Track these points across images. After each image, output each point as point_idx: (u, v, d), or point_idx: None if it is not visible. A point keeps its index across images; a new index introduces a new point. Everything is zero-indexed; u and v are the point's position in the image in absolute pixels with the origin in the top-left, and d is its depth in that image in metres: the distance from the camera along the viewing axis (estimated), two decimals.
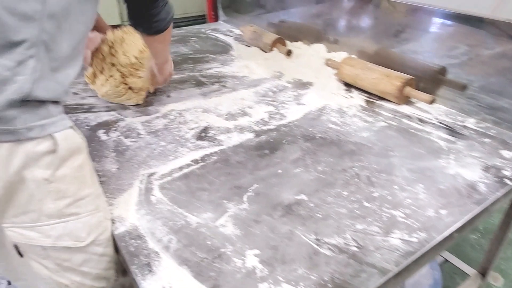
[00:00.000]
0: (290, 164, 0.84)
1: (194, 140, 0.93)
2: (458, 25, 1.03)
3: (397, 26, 1.19)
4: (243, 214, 0.70)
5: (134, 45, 1.09)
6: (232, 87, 1.24)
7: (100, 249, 0.65)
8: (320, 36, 1.50)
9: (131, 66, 1.07)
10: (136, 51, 1.08)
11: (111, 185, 0.77)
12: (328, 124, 1.01)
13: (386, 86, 1.10)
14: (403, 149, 0.90)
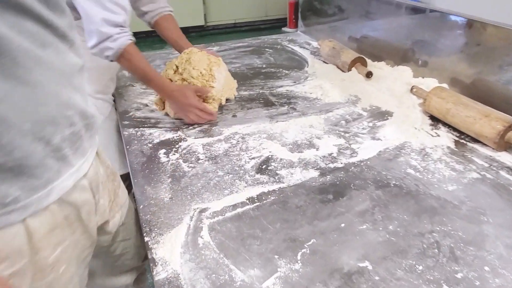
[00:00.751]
0: (356, 217, 0.74)
1: (253, 173, 0.87)
2: None
3: (504, 56, 1.00)
4: (295, 278, 0.61)
5: (201, 60, 1.11)
6: (301, 110, 1.15)
7: None
8: (407, 56, 1.34)
9: (202, 77, 1.09)
10: (205, 64, 1.11)
11: (161, 218, 0.74)
12: (406, 169, 0.88)
13: (484, 128, 0.93)
14: (500, 214, 0.74)
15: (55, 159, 0.54)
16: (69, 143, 0.57)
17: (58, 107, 0.54)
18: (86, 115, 0.60)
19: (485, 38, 1.05)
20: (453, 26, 1.15)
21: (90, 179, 0.63)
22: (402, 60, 1.36)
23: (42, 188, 0.53)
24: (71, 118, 0.56)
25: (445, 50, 1.19)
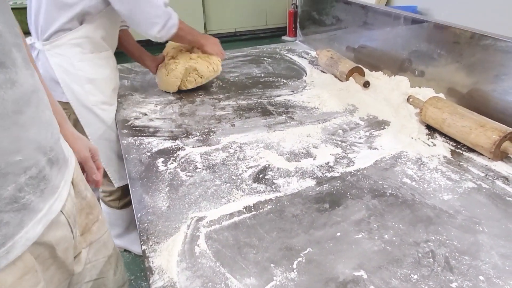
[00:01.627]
0: (351, 226, 0.74)
1: (250, 182, 0.88)
2: None
3: (499, 66, 1.01)
4: (290, 287, 0.62)
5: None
6: (299, 119, 1.16)
7: None
8: (404, 67, 1.35)
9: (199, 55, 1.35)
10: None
11: (159, 226, 0.74)
12: (402, 178, 0.88)
13: (479, 138, 0.94)
14: (495, 224, 0.74)
15: (13, 211, 0.48)
16: (30, 188, 0.50)
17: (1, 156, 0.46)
18: (47, 149, 0.53)
19: (481, 49, 1.07)
20: (449, 37, 1.16)
21: (67, 213, 0.59)
22: (399, 70, 1.37)
23: (8, 240, 0.47)
24: (23, 162, 0.49)
25: (442, 61, 1.20)
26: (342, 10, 1.62)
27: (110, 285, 0.77)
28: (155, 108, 1.26)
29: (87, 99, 1.14)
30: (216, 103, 1.29)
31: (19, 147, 0.48)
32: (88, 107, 1.16)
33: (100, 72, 1.16)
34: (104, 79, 1.18)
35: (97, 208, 0.74)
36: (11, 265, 0.48)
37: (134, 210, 0.80)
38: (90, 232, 0.71)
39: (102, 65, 1.18)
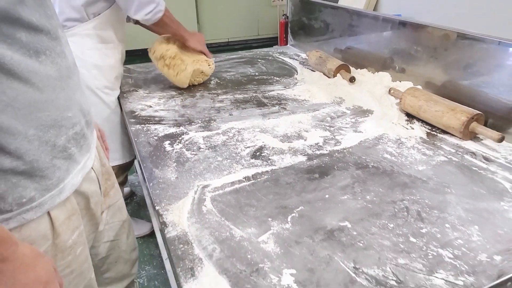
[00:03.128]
0: (338, 190, 0.85)
1: (248, 158, 0.98)
2: None
3: (467, 59, 1.15)
4: (285, 234, 0.72)
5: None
6: (291, 109, 1.28)
7: None
8: (386, 64, 1.49)
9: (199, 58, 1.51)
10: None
11: (169, 192, 0.85)
12: (383, 154, 1.00)
13: (450, 120, 1.06)
14: (462, 187, 0.86)
15: (63, 159, 0.58)
16: (74, 142, 0.61)
17: (58, 111, 0.57)
18: (86, 112, 0.64)
19: (452, 45, 1.20)
20: (424, 36, 1.30)
21: (97, 171, 0.70)
22: (382, 67, 1.51)
23: (54, 187, 0.57)
24: (72, 119, 0.60)
25: (419, 57, 1.34)
26: (329, 15, 1.76)
27: (123, 247, 0.88)
28: (159, 101, 1.36)
29: (92, 83, 1.30)
30: (215, 97, 1.40)
31: (70, 106, 0.59)
32: (92, 89, 1.31)
33: (106, 61, 1.34)
34: (108, 67, 1.35)
35: (113, 175, 0.84)
36: (62, 205, 0.59)
37: (145, 180, 0.90)
38: (109, 196, 0.81)
39: (108, 55, 1.35)
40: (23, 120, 0.52)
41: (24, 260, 0.49)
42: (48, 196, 0.56)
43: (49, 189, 0.56)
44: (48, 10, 0.56)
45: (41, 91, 0.54)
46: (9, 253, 0.48)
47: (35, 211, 0.55)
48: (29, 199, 0.54)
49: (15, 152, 0.51)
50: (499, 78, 1.07)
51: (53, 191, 0.57)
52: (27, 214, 0.54)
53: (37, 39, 0.53)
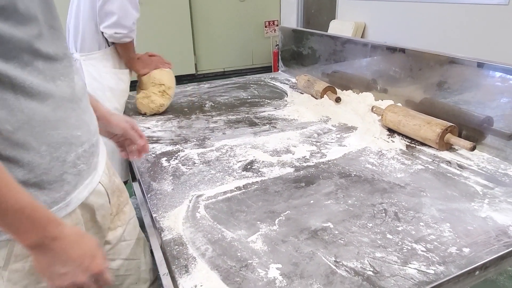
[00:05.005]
0: (322, 196, 0.92)
1: (240, 171, 1.06)
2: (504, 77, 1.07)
3: (439, 77, 1.25)
4: (273, 234, 0.78)
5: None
6: (281, 128, 1.36)
7: None
8: (369, 85, 1.59)
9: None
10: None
11: (166, 202, 0.91)
12: (365, 164, 1.07)
13: (427, 133, 1.15)
14: (436, 191, 0.93)
15: (72, 174, 0.62)
16: (83, 159, 0.64)
17: (69, 129, 0.61)
18: (93, 132, 0.68)
19: (425, 64, 1.31)
20: (401, 57, 1.41)
21: (105, 185, 0.72)
22: (366, 88, 1.61)
23: (61, 200, 0.60)
24: (81, 137, 0.64)
25: (397, 77, 1.44)
26: (316, 42, 1.89)
27: (143, 267, 0.89)
28: (156, 123, 1.45)
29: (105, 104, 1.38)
30: (209, 118, 1.49)
31: (79, 125, 0.64)
32: None
33: (120, 85, 1.52)
34: (121, 91, 1.52)
35: (125, 192, 0.87)
36: (68, 217, 0.63)
37: (143, 192, 0.97)
38: (124, 213, 0.84)
39: (121, 79, 1.51)
40: (37, 137, 0.57)
41: (71, 238, 0.56)
42: (56, 209, 0.60)
43: (56, 202, 0.60)
44: (63, 42, 0.63)
45: (54, 111, 0.59)
46: (57, 232, 0.54)
47: None
48: None
49: (27, 166, 0.56)
50: (471, 95, 1.16)
51: (60, 204, 0.60)
52: None
53: (53, 66, 0.59)
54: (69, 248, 0.56)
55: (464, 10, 2.40)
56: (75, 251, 0.56)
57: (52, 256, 0.55)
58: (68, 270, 0.56)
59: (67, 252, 0.55)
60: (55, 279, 0.57)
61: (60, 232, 0.55)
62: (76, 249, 0.56)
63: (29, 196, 0.52)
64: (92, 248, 0.59)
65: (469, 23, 2.38)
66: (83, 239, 0.58)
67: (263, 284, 0.66)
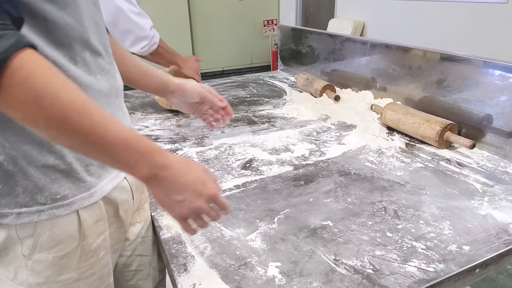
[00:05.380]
0: (321, 194, 0.91)
1: (239, 169, 1.05)
2: (504, 75, 1.06)
3: (438, 75, 1.24)
4: (272, 232, 0.78)
5: None
6: (280, 126, 1.36)
7: None
8: (369, 83, 1.58)
9: None
10: None
11: None
12: (365, 162, 1.07)
13: (426, 131, 1.14)
14: (436, 189, 0.93)
15: (97, 166, 0.63)
16: None
17: None
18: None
19: (425, 61, 1.30)
20: (400, 55, 1.40)
21: (130, 181, 0.73)
22: (365, 86, 1.60)
23: (86, 190, 0.62)
24: None
25: (397, 75, 1.44)
26: (315, 40, 1.88)
27: (153, 264, 0.88)
28: (155, 122, 1.44)
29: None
30: None
31: None
32: None
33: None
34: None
35: (146, 189, 0.85)
36: (91, 210, 0.63)
37: None
38: (144, 209, 0.84)
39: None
40: None
41: (179, 165, 0.55)
42: (79, 197, 0.61)
43: (81, 191, 0.61)
44: (106, 39, 0.65)
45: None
46: (164, 161, 0.54)
47: (65, 209, 0.60)
48: (62, 196, 0.59)
49: (58, 152, 0.57)
50: (470, 92, 1.16)
51: (84, 193, 0.61)
52: (58, 210, 0.59)
53: (97, 60, 0.61)
54: (179, 176, 0.55)
55: (463, 8, 2.40)
56: (185, 177, 0.56)
57: (165, 185, 0.55)
58: (184, 197, 0.56)
59: (178, 180, 0.55)
60: (174, 208, 0.57)
61: (166, 160, 0.54)
62: (186, 175, 0.56)
63: (127, 128, 0.52)
64: (200, 173, 0.58)
65: (468, 21, 2.38)
66: (190, 165, 0.57)
67: (262, 282, 0.66)
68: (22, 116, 0.45)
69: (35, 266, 0.60)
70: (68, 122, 0.46)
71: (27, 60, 0.43)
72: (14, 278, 0.61)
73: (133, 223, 0.80)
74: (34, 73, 0.43)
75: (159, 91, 0.90)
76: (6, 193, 0.56)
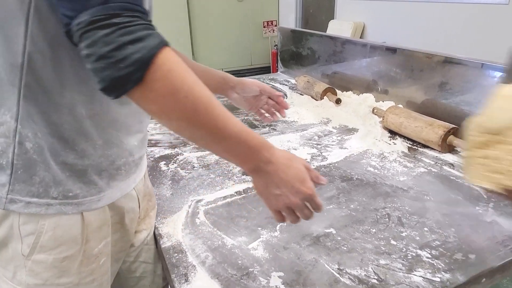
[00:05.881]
0: (324, 201, 0.90)
1: (240, 175, 1.04)
2: None
3: (441, 78, 1.23)
4: (274, 241, 0.77)
5: None
6: (281, 130, 1.35)
7: None
8: (370, 86, 1.57)
9: None
10: None
11: (164, 207, 0.89)
12: (367, 167, 1.06)
13: (429, 135, 1.13)
14: (440, 194, 0.91)
15: (110, 174, 0.63)
16: (128, 167, 0.66)
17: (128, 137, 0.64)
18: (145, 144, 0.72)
19: (427, 65, 1.29)
20: (401, 58, 1.39)
21: (138, 190, 0.72)
22: (366, 89, 1.59)
23: (95, 194, 0.62)
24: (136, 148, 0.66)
25: (398, 78, 1.42)
26: (315, 42, 1.87)
27: (158, 271, 0.86)
28: (154, 126, 1.43)
29: None
30: None
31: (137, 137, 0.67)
32: None
33: None
34: None
35: (154, 197, 0.86)
36: (97, 214, 0.63)
37: None
38: (150, 217, 0.82)
39: None
40: (100, 130, 0.59)
41: (283, 161, 0.57)
42: (88, 199, 0.61)
43: (91, 193, 0.61)
44: None
45: (126, 117, 0.62)
46: (269, 155, 0.56)
47: (72, 207, 0.60)
48: (74, 195, 0.59)
49: (80, 152, 0.58)
50: (473, 95, 1.15)
51: (93, 196, 0.62)
52: (66, 207, 0.59)
53: None
54: (281, 171, 0.57)
55: (464, 10, 2.39)
56: (286, 174, 0.57)
57: (267, 178, 0.57)
58: (282, 192, 0.58)
59: (279, 175, 0.57)
60: (271, 199, 0.59)
61: (271, 155, 0.57)
62: (286, 172, 0.57)
63: (241, 123, 0.55)
64: (301, 172, 0.59)
65: (469, 23, 2.37)
66: (292, 163, 0.59)
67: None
68: (158, 108, 0.49)
69: (34, 267, 0.59)
70: (197, 115, 0.50)
71: (168, 57, 0.47)
72: (13, 278, 0.61)
73: (139, 230, 0.79)
74: (173, 69, 0.48)
75: (220, 88, 0.92)
76: (23, 180, 0.56)
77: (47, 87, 0.54)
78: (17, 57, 0.52)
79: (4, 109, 0.54)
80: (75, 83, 0.55)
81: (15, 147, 0.55)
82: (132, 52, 0.44)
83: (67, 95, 0.55)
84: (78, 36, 0.45)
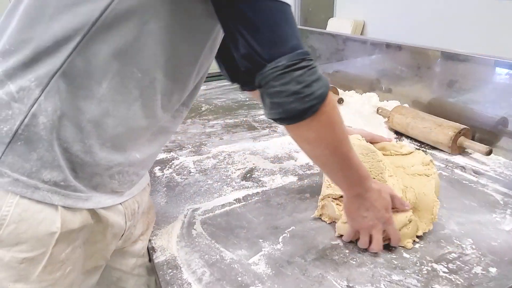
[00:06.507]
0: None
1: (239, 180, 0.98)
2: None
3: (450, 76, 1.17)
4: (277, 254, 0.71)
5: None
6: (281, 132, 1.29)
7: None
8: (373, 85, 1.51)
9: None
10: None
11: (158, 217, 0.83)
12: None
13: (438, 136, 1.07)
14: (453, 201, 0.85)
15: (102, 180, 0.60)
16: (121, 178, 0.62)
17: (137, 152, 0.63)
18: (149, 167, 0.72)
19: (434, 62, 1.23)
20: (407, 56, 1.33)
21: (126, 206, 0.67)
22: (369, 88, 1.53)
23: (84, 192, 0.58)
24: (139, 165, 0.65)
25: (404, 76, 1.37)
26: (316, 40, 1.81)
27: (152, 286, 0.81)
28: None
29: None
30: (206, 122, 1.41)
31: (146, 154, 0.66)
32: None
33: None
34: None
35: (153, 209, 0.81)
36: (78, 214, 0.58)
37: None
38: (148, 229, 0.78)
39: None
40: (114, 132, 0.57)
41: (376, 191, 0.68)
42: (77, 194, 0.57)
43: (81, 191, 0.58)
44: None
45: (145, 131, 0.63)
46: (368, 185, 0.67)
47: (59, 198, 0.55)
48: (64, 185, 0.56)
49: (87, 147, 0.56)
50: (483, 94, 1.09)
51: (82, 194, 0.58)
52: (53, 196, 0.55)
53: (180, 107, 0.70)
54: (373, 200, 0.68)
55: (469, 4, 2.32)
56: (377, 201, 0.68)
57: (361, 203, 0.68)
58: (368, 215, 0.68)
59: (372, 202, 0.68)
60: (358, 219, 0.69)
61: (369, 185, 0.67)
62: (377, 199, 0.68)
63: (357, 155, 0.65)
64: (388, 202, 0.70)
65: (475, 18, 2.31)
66: (383, 194, 0.69)
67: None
68: (315, 136, 0.59)
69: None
70: (340, 145, 0.61)
71: (331, 95, 0.57)
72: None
73: (136, 240, 0.75)
74: (335, 106, 0.59)
75: None
76: (19, 154, 0.52)
77: (92, 73, 0.53)
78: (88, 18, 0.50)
79: (31, 76, 0.52)
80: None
81: (27, 116, 0.52)
82: (317, 89, 0.54)
83: (104, 88, 0.54)
84: (274, 76, 0.53)
